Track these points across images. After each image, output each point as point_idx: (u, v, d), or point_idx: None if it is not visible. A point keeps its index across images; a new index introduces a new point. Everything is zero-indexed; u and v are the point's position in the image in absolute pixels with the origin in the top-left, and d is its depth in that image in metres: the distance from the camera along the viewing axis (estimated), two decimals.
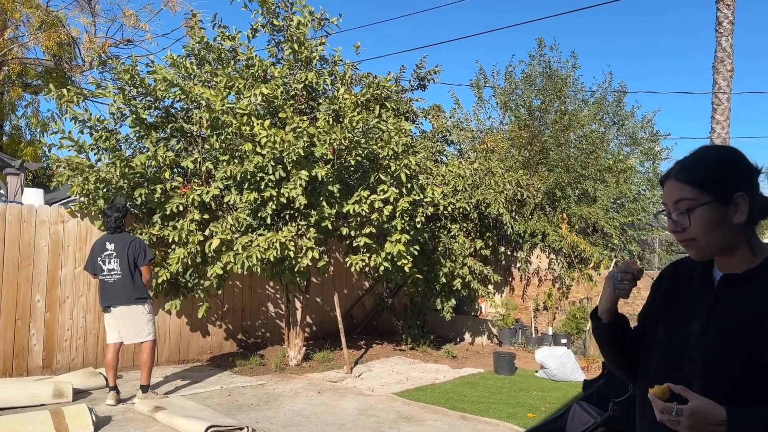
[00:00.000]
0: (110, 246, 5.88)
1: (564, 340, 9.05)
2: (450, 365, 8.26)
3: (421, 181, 8.18)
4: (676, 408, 1.31)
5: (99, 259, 5.89)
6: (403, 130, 7.34)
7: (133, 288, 5.87)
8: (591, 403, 4.55)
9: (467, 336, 10.31)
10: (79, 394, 5.99)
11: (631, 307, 9.00)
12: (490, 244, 10.10)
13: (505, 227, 9.77)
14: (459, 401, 6.27)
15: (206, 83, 7.24)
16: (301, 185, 6.54)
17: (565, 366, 7.28)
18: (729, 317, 1.45)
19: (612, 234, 9.94)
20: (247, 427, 5.11)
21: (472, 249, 9.61)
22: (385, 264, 7.19)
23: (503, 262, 10.78)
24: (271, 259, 6.60)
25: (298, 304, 8.17)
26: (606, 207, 10.25)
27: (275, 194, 6.60)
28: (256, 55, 7.40)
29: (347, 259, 7.42)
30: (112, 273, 5.86)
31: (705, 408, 1.29)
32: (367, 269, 7.84)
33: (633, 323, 1.78)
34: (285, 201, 6.72)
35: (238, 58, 7.45)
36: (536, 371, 7.72)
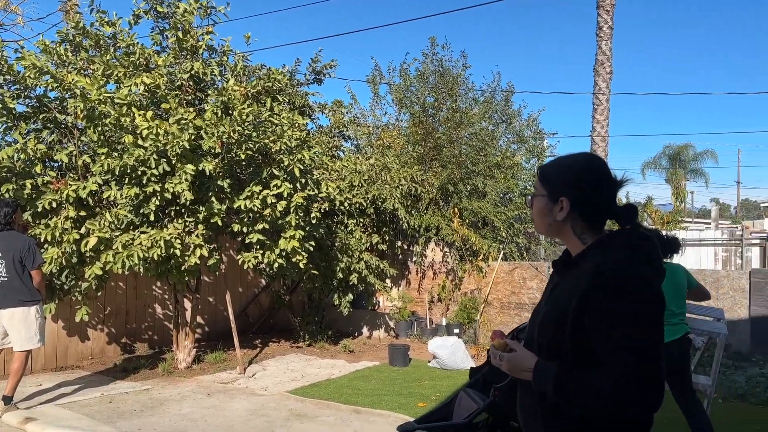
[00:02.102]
0: None
1: (456, 330, 9.33)
2: (347, 360, 8.27)
3: (316, 177, 8.12)
4: (500, 354, 1.77)
5: None
6: (297, 125, 7.24)
7: (20, 290, 5.44)
8: (477, 389, 4.70)
9: (365, 330, 10.38)
10: None
11: (518, 296, 9.43)
12: (387, 238, 10.21)
13: (401, 222, 9.93)
14: (353, 395, 6.28)
15: (82, 71, 6.78)
16: (187, 180, 6.27)
17: (455, 355, 7.49)
18: (558, 294, 1.74)
19: (500, 227, 10.35)
20: None
21: (368, 244, 9.67)
22: (280, 261, 7.07)
23: (400, 256, 10.95)
24: (155, 258, 6.30)
25: (187, 305, 7.86)
26: (495, 201, 10.66)
27: (159, 189, 6.29)
28: (137, 43, 7.01)
29: (239, 256, 7.22)
30: None
31: (520, 358, 1.72)
32: (261, 266, 7.68)
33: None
34: (170, 196, 6.42)
35: (118, 45, 7.03)
36: (429, 361, 7.90)
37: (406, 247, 10.94)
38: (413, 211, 10.38)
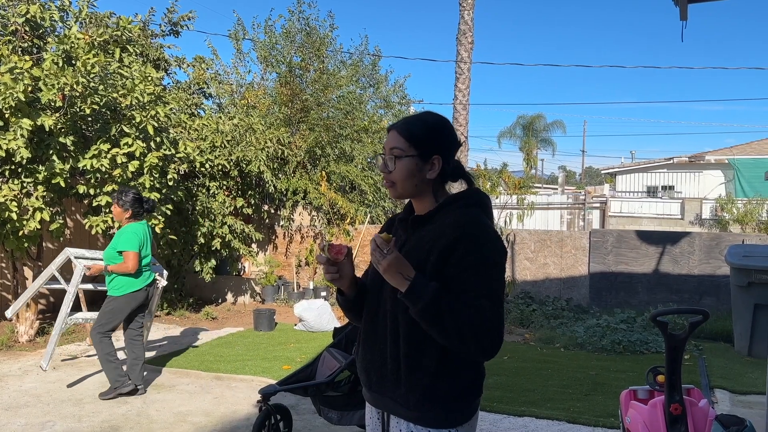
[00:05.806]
0: None
1: (324, 293, 9.40)
2: (209, 327, 8.03)
3: (173, 135, 7.67)
4: (388, 248, 1.58)
5: None
6: (151, 78, 6.75)
7: None
8: (340, 349, 4.76)
9: (229, 296, 10.13)
10: None
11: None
12: (253, 202, 9.94)
13: (268, 185, 9.70)
14: (214, 362, 6.12)
15: None
16: (23, 136, 5.66)
17: (321, 317, 7.54)
18: (412, 247, 1.75)
19: (367, 191, 10.48)
20: None
21: (233, 208, 9.36)
22: None
23: (267, 220, 10.73)
24: None
25: (28, 273, 7.18)
26: (362, 165, 10.75)
27: None
28: None
29: (86, 220, 6.68)
30: None
31: (406, 261, 1.60)
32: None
33: None
34: (3, 154, 5.77)
35: None
36: (295, 325, 7.89)
37: (273, 211, 10.75)
38: (280, 175, 10.18)
